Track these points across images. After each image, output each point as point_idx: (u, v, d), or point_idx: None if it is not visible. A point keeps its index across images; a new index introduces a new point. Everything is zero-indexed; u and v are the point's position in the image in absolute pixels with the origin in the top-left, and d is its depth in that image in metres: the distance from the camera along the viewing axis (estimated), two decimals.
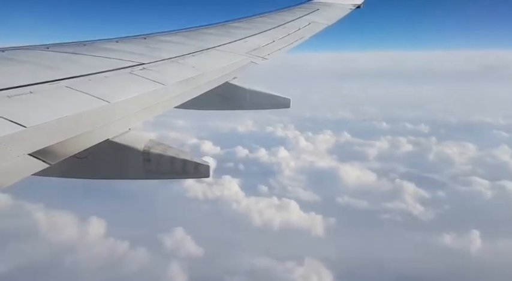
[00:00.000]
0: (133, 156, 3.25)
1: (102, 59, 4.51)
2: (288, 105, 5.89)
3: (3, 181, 2.09)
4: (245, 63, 5.88)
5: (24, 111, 2.73)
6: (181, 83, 4.36)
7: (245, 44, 6.80)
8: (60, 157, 2.48)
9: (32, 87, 3.14)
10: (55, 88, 3.27)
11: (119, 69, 4.18)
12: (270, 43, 7.17)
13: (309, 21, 9.17)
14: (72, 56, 4.46)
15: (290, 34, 7.99)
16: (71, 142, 2.63)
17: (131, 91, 3.68)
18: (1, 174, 2.12)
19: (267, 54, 6.55)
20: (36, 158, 2.32)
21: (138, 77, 4.10)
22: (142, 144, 3.30)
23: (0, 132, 2.36)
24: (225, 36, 7.06)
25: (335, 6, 10.97)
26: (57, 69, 3.76)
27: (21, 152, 2.30)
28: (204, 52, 5.84)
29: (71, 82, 3.45)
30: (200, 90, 4.44)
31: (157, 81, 4.09)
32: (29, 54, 4.23)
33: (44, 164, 2.32)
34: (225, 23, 8.38)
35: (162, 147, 3.37)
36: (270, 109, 6.05)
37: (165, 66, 4.73)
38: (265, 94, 5.83)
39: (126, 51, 5.02)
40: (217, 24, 8.23)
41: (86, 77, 3.70)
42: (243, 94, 5.63)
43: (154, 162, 3.30)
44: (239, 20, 8.82)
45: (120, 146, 3.17)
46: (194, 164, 3.34)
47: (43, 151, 2.39)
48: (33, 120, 2.62)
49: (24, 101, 2.90)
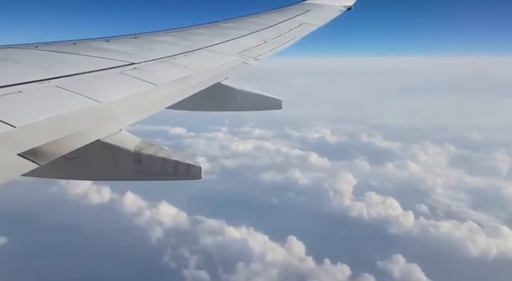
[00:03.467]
0: (124, 157, 3.23)
1: (92, 58, 4.47)
2: (280, 106, 5.89)
3: None
4: (237, 64, 5.88)
5: (13, 111, 2.69)
6: (173, 83, 4.34)
7: (237, 45, 6.79)
8: (50, 157, 2.44)
9: (21, 86, 3.09)
10: (44, 87, 3.22)
11: (109, 69, 4.14)
12: (261, 44, 7.18)
13: (300, 22, 9.19)
14: (62, 55, 4.41)
15: (282, 35, 8.00)
16: (61, 142, 2.60)
17: (122, 91, 3.65)
18: None
19: (258, 54, 6.55)
20: (26, 158, 2.29)
21: (129, 77, 4.07)
22: (133, 145, 3.27)
23: None
24: (217, 36, 7.05)
25: (326, 8, 11.01)
26: (47, 69, 3.71)
27: (10, 152, 2.27)
28: (196, 52, 5.82)
29: (60, 82, 3.41)
30: (191, 90, 4.42)
31: (148, 81, 4.07)
32: (18, 53, 4.17)
33: (33, 164, 2.29)
34: (216, 23, 8.36)
35: (154, 148, 3.35)
36: (261, 110, 6.04)
37: (156, 66, 4.70)
38: (257, 95, 5.83)
39: (117, 51, 4.98)
40: (208, 24, 8.21)
41: (76, 77, 3.65)
42: (235, 95, 5.62)
43: (146, 163, 3.28)
44: (231, 20, 8.81)
45: (110, 146, 3.14)
46: (186, 166, 3.33)
47: (32, 151, 2.36)
48: (23, 120, 2.58)
49: (13, 100, 2.85)
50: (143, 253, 50.28)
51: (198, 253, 49.93)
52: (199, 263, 48.23)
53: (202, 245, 51.86)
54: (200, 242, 52.51)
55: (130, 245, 51.39)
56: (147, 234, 54.31)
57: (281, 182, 70.98)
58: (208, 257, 49.04)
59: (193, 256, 49.41)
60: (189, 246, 51.24)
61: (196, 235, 54.05)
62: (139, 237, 53.65)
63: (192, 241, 52.57)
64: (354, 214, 59.43)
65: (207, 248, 51.18)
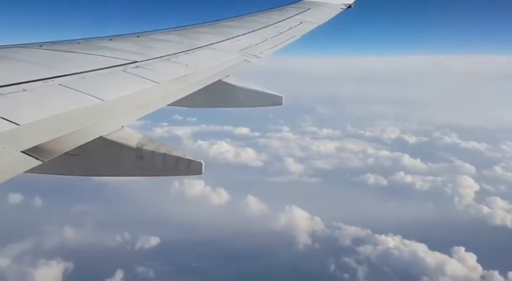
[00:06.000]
0: (126, 153, 3.27)
1: (95, 57, 4.52)
2: (280, 102, 5.93)
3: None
4: (238, 62, 5.92)
5: (17, 109, 2.74)
6: (175, 81, 4.39)
7: (238, 43, 6.83)
8: (53, 154, 2.50)
9: (25, 85, 3.15)
10: (48, 86, 3.28)
11: (112, 67, 4.19)
12: (262, 42, 7.21)
13: (301, 20, 9.21)
14: (65, 54, 4.47)
15: (282, 33, 8.03)
16: (64, 139, 2.65)
17: (124, 89, 3.70)
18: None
19: (259, 52, 6.59)
20: (29, 155, 2.34)
21: (131, 75, 4.12)
22: (135, 141, 3.32)
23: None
24: (218, 34, 7.09)
25: (326, 6, 11.02)
26: (51, 67, 3.76)
27: (14, 149, 2.32)
28: (197, 50, 5.87)
29: (64, 80, 3.46)
30: (193, 88, 4.47)
31: (150, 79, 4.11)
32: (23, 52, 4.23)
33: (37, 161, 2.34)
34: (218, 22, 8.40)
35: (155, 144, 3.39)
36: (262, 107, 6.08)
37: (159, 65, 4.75)
38: (257, 92, 5.87)
39: (119, 50, 5.03)
40: (210, 22, 8.25)
41: (79, 75, 3.71)
42: (236, 92, 5.66)
43: (147, 159, 3.32)
44: (232, 19, 8.84)
45: (113, 143, 3.18)
46: (187, 161, 3.37)
47: (36, 148, 2.41)
48: (27, 118, 2.63)
49: (18, 98, 2.91)
50: (297, 258, 48.68)
51: (362, 263, 47.69)
52: (371, 274, 45.71)
53: (363, 254, 49.43)
54: (359, 251, 50.06)
55: (278, 248, 50.02)
56: (291, 239, 52.75)
57: (393, 185, 69.28)
58: (377, 269, 46.66)
59: (360, 266, 47.23)
60: (347, 254, 49.14)
61: (344, 242, 51.93)
62: (285, 241, 52.17)
63: (345, 249, 50.43)
64: (497, 221, 56.75)
65: (370, 258, 48.78)
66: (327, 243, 52.02)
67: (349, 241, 52.36)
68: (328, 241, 52.40)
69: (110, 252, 49.61)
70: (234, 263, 47.01)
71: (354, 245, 51.54)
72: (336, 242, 52.53)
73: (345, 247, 51.36)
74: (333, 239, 53.15)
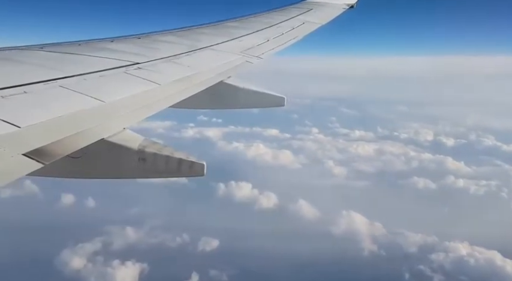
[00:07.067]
0: (128, 155, 3.25)
1: (97, 58, 4.51)
2: (282, 104, 5.90)
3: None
4: (240, 63, 5.90)
5: (18, 111, 2.72)
6: (176, 82, 4.37)
7: (240, 44, 6.81)
8: (54, 156, 2.47)
9: (26, 87, 3.13)
10: (49, 88, 3.26)
11: (113, 69, 4.17)
12: (264, 42, 7.19)
13: (303, 21, 9.19)
14: (66, 55, 4.45)
15: (284, 34, 8.01)
16: (65, 142, 2.62)
17: (126, 91, 3.68)
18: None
19: (261, 53, 6.56)
20: (31, 158, 2.31)
21: (133, 77, 4.10)
22: (137, 143, 3.30)
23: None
24: (220, 35, 7.07)
25: (328, 6, 10.99)
26: (52, 69, 3.75)
27: (15, 152, 2.29)
28: (199, 51, 5.85)
29: (65, 82, 3.45)
30: (195, 89, 4.44)
31: (152, 81, 4.10)
32: (23, 54, 4.22)
33: (38, 164, 2.31)
34: (219, 23, 8.39)
35: (157, 146, 3.37)
36: (264, 108, 6.05)
37: (160, 66, 4.73)
38: (260, 93, 5.84)
39: (121, 51, 5.02)
40: (212, 23, 8.23)
41: (81, 77, 3.69)
42: (238, 93, 5.64)
43: (150, 161, 3.30)
44: (234, 20, 8.82)
45: (114, 145, 3.16)
46: (189, 163, 3.35)
47: (37, 151, 2.39)
48: (28, 120, 2.61)
49: (18, 101, 2.89)
50: (367, 265, 47.09)
51: (437, 271, 46.04)
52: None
53: (437, 262, 47.68)
54: (431, 258, 48.28)
55: (343, 255, 48.42)
56: (355, 245, 51.18)
57: (445, 189, 67.36)
58: (454, 277, 45.06)
59: (436, 275, 45.72)
60: (420, 261, 47.46)
61: (411, 249, 50.10)
62: (349, 247, 50.49)
63: (415, 256, 48.75)
64: None
65: (444, 266, 47.10)
66: (393, 250, 50.19)
67: (416, 248, 50.60)
68: (394, 248, 50.55)
69: (177, 253, 49.35)
70: (304, 268, 45.80)
71: (424, 252, 49.73)
72: (402, 249, 50.74)
73: (413, 254, 49.63)
74: (398, 245, 51.25)
